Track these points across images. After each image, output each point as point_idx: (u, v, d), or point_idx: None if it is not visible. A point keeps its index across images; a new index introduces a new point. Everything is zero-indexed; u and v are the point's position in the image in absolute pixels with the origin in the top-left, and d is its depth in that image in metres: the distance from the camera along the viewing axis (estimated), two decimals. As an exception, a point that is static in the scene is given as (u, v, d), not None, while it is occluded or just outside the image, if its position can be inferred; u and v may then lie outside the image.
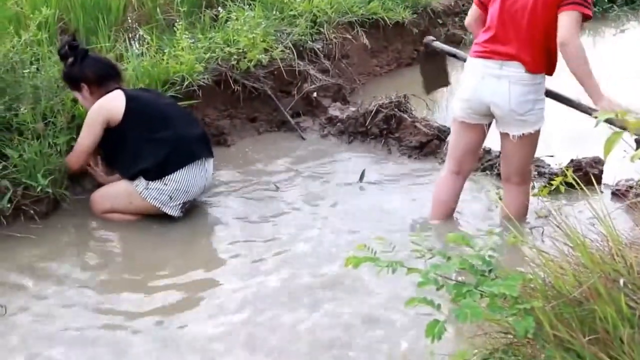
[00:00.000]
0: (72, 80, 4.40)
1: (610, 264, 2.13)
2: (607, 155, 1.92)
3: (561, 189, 4.03)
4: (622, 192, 4.55)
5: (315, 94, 6.11)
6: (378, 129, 5.60)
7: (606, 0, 10.55)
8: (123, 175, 4.41)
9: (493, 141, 4.34)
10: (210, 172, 4.52)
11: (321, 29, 6.73)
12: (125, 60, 5.33)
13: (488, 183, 4.88)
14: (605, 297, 1.97)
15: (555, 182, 4.07)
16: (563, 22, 3.69)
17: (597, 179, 4.62)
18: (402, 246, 2.45)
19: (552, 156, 4.99)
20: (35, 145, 4.20)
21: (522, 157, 4.07)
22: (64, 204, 4.42)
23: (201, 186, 4.43)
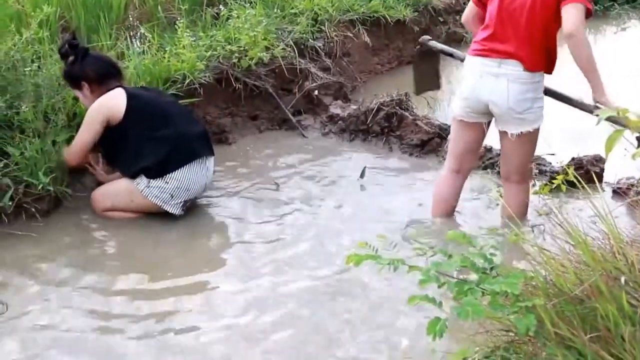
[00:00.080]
0: (72, 78, 4.40)
1: (611, 261, 2.13)
2: (609, 153, 1.92)
3: (562, 187, 4.04)
4: (623, 190, 4.55)
5: (316, 92, 6.11)
6: (379, 127, 5.60)
7: (607, -1, 10.57)
8: (124, 174, 4.41)
9: (494, 139, 4.34)
10: (212, 170, 4.52)
11: (322, 27, 6.74)
12: (126, 58, 5.33)
13: (489, 181, 4.88)
14: (606, 295, 1.97)
15: (556, 181, 4.08)
16: (569, 15, 3.67)
17: (599, 177, 4.62)
18: (403, 244, 2.45)
19: (553, 154, 4.98)
20: (37, 143, 4.21)
21: (522, 155, 4.07)
22: (65, 202, 4.42)
23: (202, 184, 4.43)
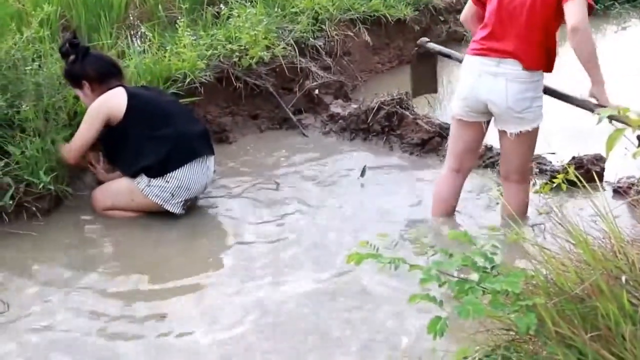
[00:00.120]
0: (73, 77, 4.40)
1: (612, 261, 2.13)
2: (609, 152, 1.92)
3: (563, 186, 4.04)
4: (623, 189, 4.55)
5: (317, 91, 6.11)
6: (380, 126, 5.60)
7: (608, -2, 10.56)
8: (124, 173, 4.41)
9: (494, 138, 4.34)
10: (212, 170, 4.52)
11: (323, 26, 6.73)
12: (127, 57, 5.33)
13: (489, 181, 4.88)
14: (607, 294, 1.97)
15: (556, 180, 4.08)
16: (572, 9, 3.64)
17: (599, 176, 4.62)
18: (405, 243, 2.45)
19: (554, 153, 4.98)
20: (37, 142, 4.21)
21: (521, 155, 4.06)
22: (65, 201, 4.43)
23: (203, 183, 4.43)
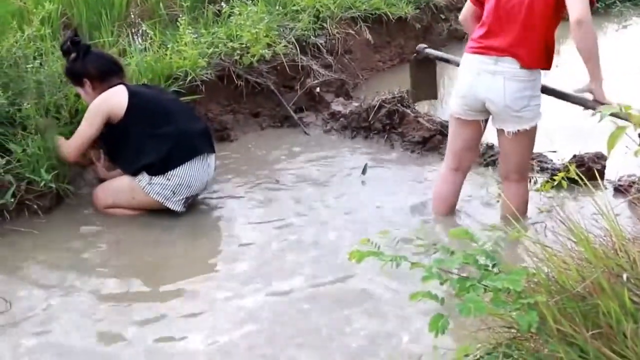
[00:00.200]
0: (74, 75, 4.40)
1: (613, 258, 2.13)
2: (611, 150, 1.92)
3: (564, 184, 4.05)
4: (624, 187, 4.55)
5: (318, 89, 6.11)
6: (381, 124, 5.60)
7: (609, -4, 10.55)
8: (125, 171, 4.41)
9: (495, 137, 4.34)
10: (213, 167, 4.53)
11: (324, 24, 6.74)
12: (128, 55, 5.33)
13: (490, 179, 4.87)
14: (608, 291, 1.97)
15: (557, 178, 4.09)
16: (575, 2, 3.63)
17: (600, 175, 4.62)
18: (406, 240, 2.45)
19: (555, 152, 4.98)
20: (39, 140, 4.21)
21: (520, 154, 4.06)
22: (67, 199, 4.43)
23: (204, 181, 4.43)
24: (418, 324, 3.22)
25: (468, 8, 4.17)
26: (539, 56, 3.86)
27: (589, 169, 4.54)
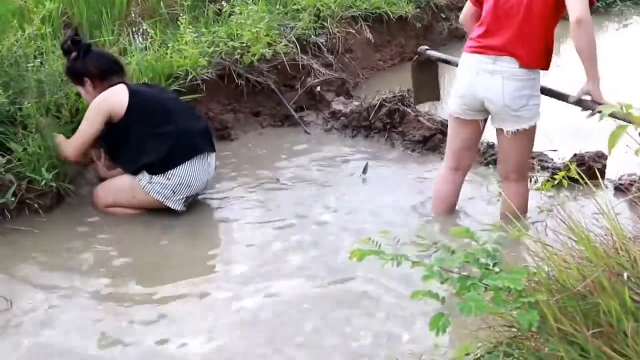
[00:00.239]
0: (75, 74, 4.40)
1: (614, 257, 2.13)
2: (612, 149, 1.93)
3: (564, 183, 4.05)
4: (625, 186, 4.55)
5: (318, 88, 6.11)
6: (381, 123, 5.60)
7: (610, -5, 10.54)
8: (126, 170, 4.41)
9: (495, 136, 4.34)
10: (213, 167, 4.53)
11: (325, 23, 6.74)
12: (128, 54, 5.33)
13: (490, 177, 4.87)
14: (609, 290, 1.97)
15: (558, 177, 4.09)
16: (575, 2, 3.63)
17: (601, 174, 4.62)
18: (407, 239, 2.45)
19: (555, 150, 4.98)
20: (39, 139, 4.21)
21: (519, 153, 4.05)
22: (67, 198, 4.42)
23: (204, 180, 4.43)
24: (419, 323, 3.22)
25: (468, 8, 4.16)
26: (538, 56, 3.86)
27: (589, 168, 4.54)
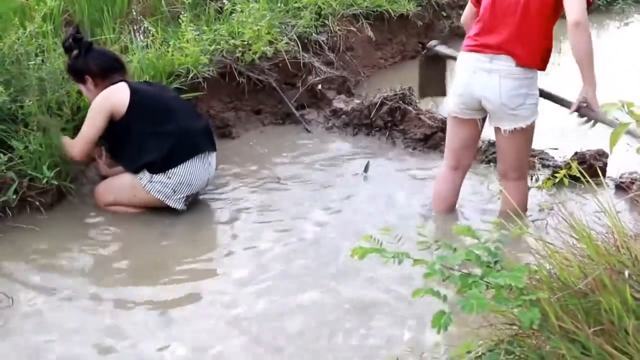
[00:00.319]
0: (76, 72, 4.40)
1: (615, 255, 2.14)
2: (613, 147, 1.93)
3: (565, 181, 4.05)
4: (626, 184, 4.55)
5: (319, 87, 6.11)
6: (382, 122, 5.60)
7: (610, -7, 10.54)
8: (127, 168, 4.41)
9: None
10: (214, 166, 4.52)
11: (326, 21, 6.74)
12: (130, 52, 5.33)
13: (491, 175, 4.87)
14: (610, 288, 1.98)
15: (559, 175, 4.09)
16: (573, 5, 3.64)
17: (602, 172, 4.62)
18: (408, 237, 2.45)
19: (556, 149, 4.98)
20: (41, 137, 4.21)
21: (516, 152, 4.04)
22: (68, 196, 4.42)
23: (204, 180, 4.43)
24: (420, 321, 3.22)
25: (470, 9, 4.16)
26: (535, 55, 3.85)
27: (590, 166, 4.55)
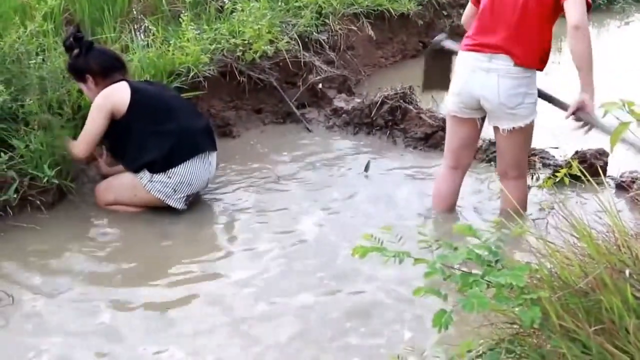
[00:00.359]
0: (77, 71, 4.40)
1: (616, 254, 2.14)
2: (614, 146, 1.93)
3: (565, 180, 4.05)
4: (626, 183, 4.55)
5: (320, 86, 6.12)
6: (383, 120, 5.61)
7: (611, -8, 10.54)
8: (127, 168, 4.41)
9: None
10: (214, 165, 4.52)
11: (326, 20, 6.75)
12: (130, 51, 5.33)
13: (491, 174, 4.87)
14: (611, 287, 1.98)
15: (559, 174, 4.09)
16: (574, 8, 3.64)
17: (602, 171, 4.62)
18: (409, 237, 2.45)
19: (557, 148, 4.98)
20: (42, 136, 4.21)
21: (515, 151, 4.05)
22: (69, 195, 4.42)
23: (205, 179, 4.43)
24: (420, 320, 3.22)
25: (470, 9, 4.16)
26: (534, 55, 3.86)
27: (591, 165, 4.55)
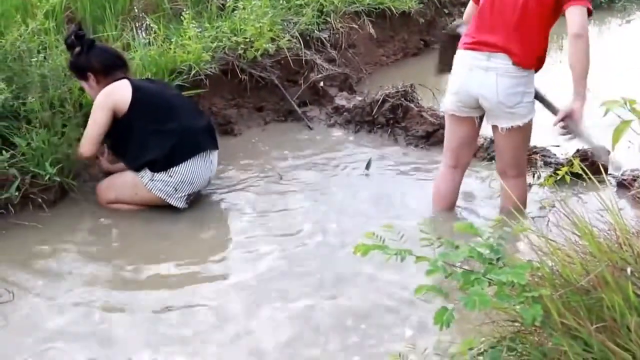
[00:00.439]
0: (78, 69, 4.40)
1: (617, 252, 2.14)
2: (615, 144, 1.93)
3: (567, 178, 4.05)
4: (628, 182, 4.55)
5: (322, 84, 6.12)
6: (384, 119, 5.61)
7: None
8: (129, 166, 4.41)
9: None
10: (215, 164, 4.52)
11: (328, 19, 6.75)
12: (132, 49, 5.34)
13: (492, 173, 4.86)
14: (612, 285, 1.98)
15: (561, 172, 4.09)
16: (576, 16, 3.65)
17: (604, 169, 4.61)
18: (409, 236, 2.45)
19: (558, 146, 4.98)
20: (43, 134, 4.22)
21: (514, 150, 4.04)
22: (71, 193, 4.43)
23: (206, 178, 4.43)
24: (421, 318, 3.23)
25: (471, 8, 4.16)
26: (532, 55, 3.86)
27: (592, 164, 4.54)
